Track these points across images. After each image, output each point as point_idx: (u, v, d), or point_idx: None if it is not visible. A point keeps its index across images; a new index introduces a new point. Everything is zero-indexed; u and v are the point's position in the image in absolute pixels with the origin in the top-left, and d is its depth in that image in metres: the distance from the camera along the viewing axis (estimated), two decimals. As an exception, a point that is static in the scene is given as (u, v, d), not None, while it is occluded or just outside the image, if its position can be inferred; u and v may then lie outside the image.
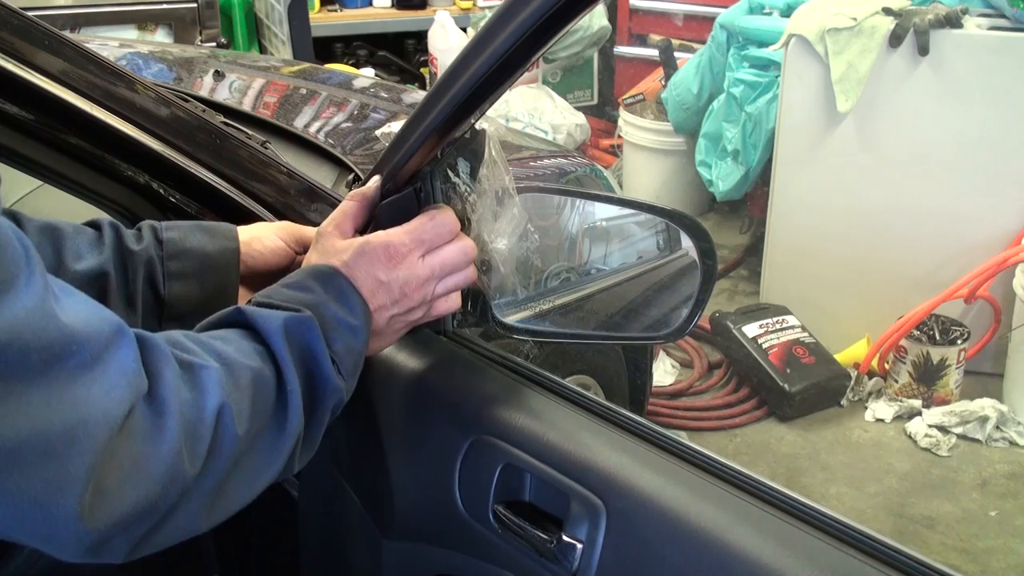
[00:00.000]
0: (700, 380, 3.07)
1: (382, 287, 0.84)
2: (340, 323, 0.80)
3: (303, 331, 0.77)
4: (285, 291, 0.81)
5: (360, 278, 0.83)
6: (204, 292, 0.94)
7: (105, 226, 0.94)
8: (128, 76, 1.11)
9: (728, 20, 3.44)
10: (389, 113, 1.80)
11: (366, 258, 0.84)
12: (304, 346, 0.77)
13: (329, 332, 0.78)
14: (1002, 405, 2.79)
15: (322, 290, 0.81)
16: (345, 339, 0.80)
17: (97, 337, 0.61)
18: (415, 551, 0.98)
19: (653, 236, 1.22)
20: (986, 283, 2.79)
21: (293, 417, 0.75)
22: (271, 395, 0.74)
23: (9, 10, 0.99)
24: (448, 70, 0.79)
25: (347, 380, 0.80)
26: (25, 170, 1.11)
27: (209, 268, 0.95)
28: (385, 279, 0.84)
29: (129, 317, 0.91)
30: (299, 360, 0.76)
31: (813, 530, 0.71)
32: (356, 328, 0.81)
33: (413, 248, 0.85)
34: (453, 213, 0.88)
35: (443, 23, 4.09)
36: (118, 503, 0.61)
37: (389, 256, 0.84)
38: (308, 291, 0.80)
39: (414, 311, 0.87)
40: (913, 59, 2.78)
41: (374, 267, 0.84)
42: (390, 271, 0.84)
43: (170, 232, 0.95)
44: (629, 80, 4.36)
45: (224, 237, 0.97)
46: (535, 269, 1.08)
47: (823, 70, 2.87)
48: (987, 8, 2.88)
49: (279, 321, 0.76)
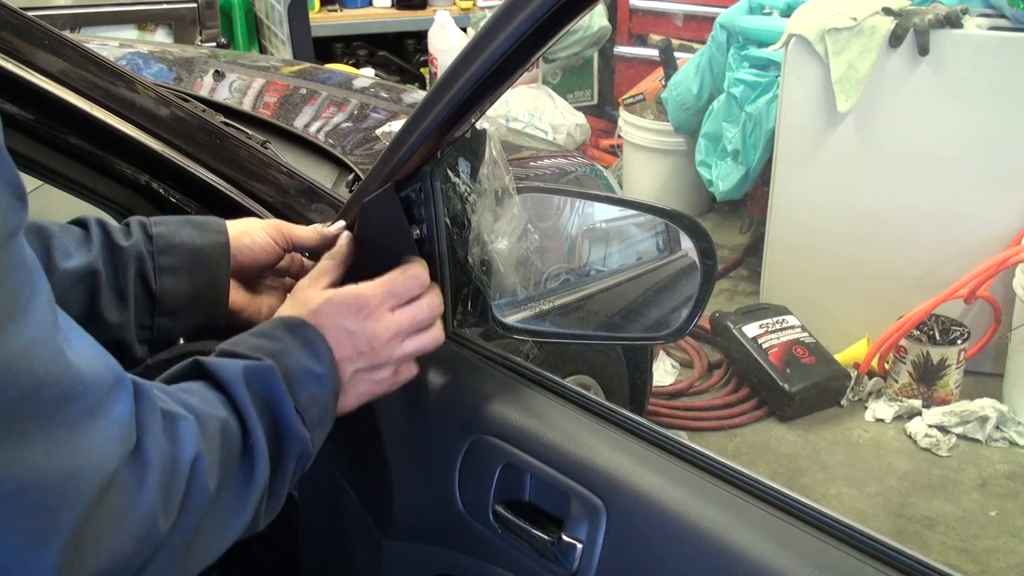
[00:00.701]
0: (700, 380, 3.06)
1: (348, 337, 0.83)
2: (305, 372, 0.78)
3: (264, 380, 0.75)
4: (250, 339, 0.80)
5: (326, 326, 0.82)
6: (195, 286, 0.94)
7: (92, 223, 0.93)
8: (128, 76, 1.11)
9: (728, 20, 3.44)
10: (389, 113, 1.80)
11: (334, 307, 0.84)
12: (266, 395, 0.75)
13: (293, 381, 0.77)
14: (1002, 405, 2.79)
15: (288, 339, 0.80)
16: (310, 388, 0.78)
17: (101, 382, 0.59)
18: (415, 551, 0.98)
19: (653, 237, 1.22)
20: (986, 283, 2.79)
21: (259, 468, 0.73)
22: (237, 446, 0.72)
23: (9, 10, 0.99)
24: (448, 70, 0.79)
25: (313, 431, 0.78)
26: (25, 170, 1.11)
27: (199, 262, 0.94)
28: (353, 329, 0.83)
29: (122, 313, 0.91)
30: (262, 409, 0.75)
31: (813, 530, 0.71)
32: (322, 377, 0.80)
33: (384, 300, 0.85)
34: (425, 265, 0.89)
35: (443, 23, 4.09)
36: (92, 559, 0.58)
37: (359, 307, 0.84)
38: (274, 340, 0.79)
39: (380, 369, 0.86)
40: (913, 59, 2.78)
41: (342, 317, 0.83)
42: (358, 322, 0.83)
43: (159, 227, 0.95)
44: (629, 80, 4.35)
45: (213, 231, 0.96)
46: (535, 270, 1.08)
47: (823, 70, 2.87)
48: (987, 8, 2.87)
49: (239, 370, 0.74)
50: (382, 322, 0.85)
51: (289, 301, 0.88)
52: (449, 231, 0.94)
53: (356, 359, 0.83)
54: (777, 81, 3.10)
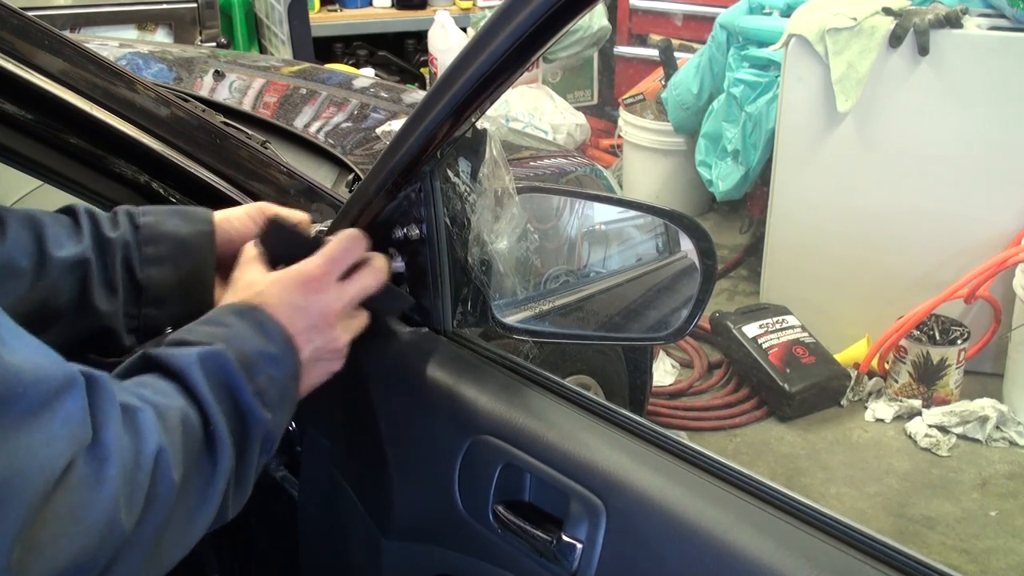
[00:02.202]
0: (700, 380, 3.07)
1: (300, 312, 0.82)
2: (259, 354, 0.77)
3: (219, 365, 0.74)
4: (200, 328, 0.79)
5: (275, 305, 0.81)
6: (180, 275, 0.94)
7: (81, 213, 0.93)
8: (128, 76, 1.11)
9: (728, 20, 3.44)
10: (389, 113, 1.80)
11: (279, 285, 0.83)
12: (223, 380, 0.74)
13: (248, 365, 0.76)
14: (1002, 405, 2.79)
15: (238, 323, 0.79)
16: (266, 370, 0.77)
17: (45, 383, 0.59)
18: (415, 551, 0.98)
19: (652, 239, 1.22)
20: (986, 283, 2.79)
21: (223, 455, 0.72)
22: (199, 434, 0.71)
23: (9, 10, 0.99)
24: (448, 70, 0.79)
25: (274, 412, 0.78)
26: (25, 170, 1.11)
27: (184, 251, 0.94)
28: (303, 304, 0.82)
29: (111, 302, 0.91)
30: (220, 395, 0.74)
31: (813, 530, 0.71)
32: (277, 357, 0.79)
33: (327, 270, 0.85)
34: (362, 232, 0.89)
35: (443, 23, 4.09)
36: (52, 557, 0.58)
37: (305, 281, 0.84)
38: (223, 326, 0.78)
39: (337, 342, 0.85)
40: (913, 59, 2.78)
41: (290, 294, 0.82)
42: (307, 296, 0.83)
43: (146, 217, 0.95)
44: (629, 80, 4.36)
45: (199, 220, 0.97)
46: (535, 270, 1.08)
47: (823, 70, 2.87)
48: (987, 8, 2.88)
49: (192, 357, 0.74)
50: (331, 293, 0.84)
51: (231, 289, 0.86)
52: (449, 231, 0.94)
53: (312, 335, 0.83)
54: (777, 81, 3.10)
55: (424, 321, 0.99)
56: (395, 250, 0.97)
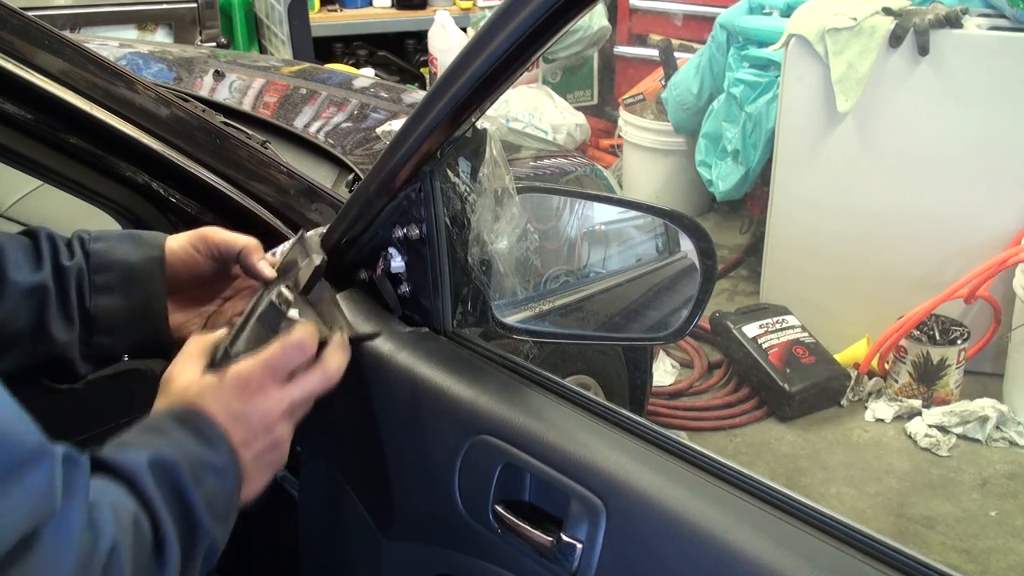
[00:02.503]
0: (700, 380, 3.06)
1: (240, 420, 0.78)
2: (204, 465, 0.73)
3: (170, 472, 0.71)
4: (140, 437, 0.74)
5: (215, 412, 0.77)
6: (129, 303, 0.92)
7: (42, 238, 0.91)
8: (128, 76, 1.11)
9: (728, 20, 3.44)
10: (389, 113, 1.80)
11: (217, 391, 0.78)
12: (174, 488, 0.71)
13: (195, 473, 0.72)
14: (1002, 405, 2.79)
15: (179, 431, 0.75)
16: (211, 482, 0.74)
17: (12, 450, 0.56)
18: (415, 551, 0.98)
19: (652, 239, 1.22)
20: (986, 283, 2.79)
21: (171, 562, 0.69)
22: (148, 540, 0.68)
23: (9, 10, 0.99)
24: (448, 70, 0.79)
25: (219, 524, 0.74)
26: (25, 170, 1.11)
27: (133, 279, 0.92)
28: (241, 409, 0.78)
29: (69, 332, 0.90)
30: (170, 500, 0.70)
31: (813, 530, 0.71)
32: (221, 469, 0.75)
33: (267, 374, 0.80)
34: (310, 332, 0.84)
35: (443, 23, 4.09)
36: None
37: (242, 386, 0.79)
38: (164, 435, 0.74)
39: (278, 447, 0.81)
40: (913, 59, 2.78)
41: (228, 400, 0.78)
42: (246, 402, 0.78)
43: (97, 243, 0.93)
44: (629, 80, 4.36)
45: (149, 246, 0.94)
46: (535, 270, 1.08)
47: (823, 70, 2.87)
48: (987, 8, 2.88)
49: (143, 459, 0.70)
50: (271, 398, 0.80)
51: (163, 391, 0.81)
52: (449, 231, 0.94)
53: (252, 442, 0.79)
54: (777, 81, 3.10)
55: (424, 321, 0.99)
56: (395, 250, 0.97)
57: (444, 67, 0.97)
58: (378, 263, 1.00)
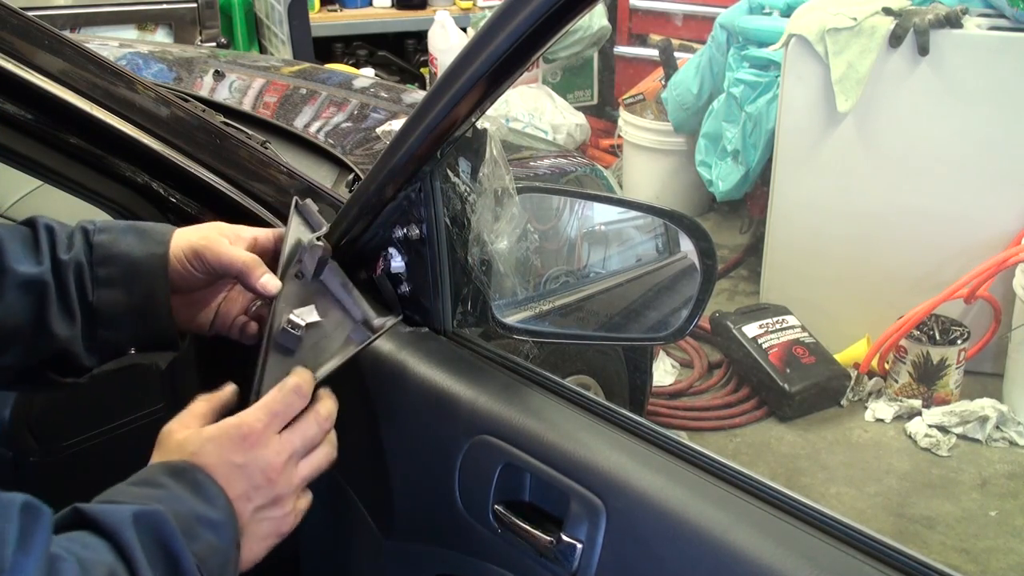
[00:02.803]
0: (700, 380, 3.06)
1: (239, 472, 0.76)
2: (199, 520, 0.71)
3: (157, 526, 0.67)
4: (132, 489, 0.71)
5: (213, 465, 0.75)
6: (131, 298, 0.90)
7: (41, 229, 0.90)
8: (128, 76, 1.11)
9: (728, 20, 3.44)
10: (389, 113, 1.80)
11: (216, 443, 0.76)
12: (160, 543, 0.67)
13: (188, 529, 0.69)
14: (1002, 405, 2.79)
15: (174, 485, 0.72)
16: (206, 537, 0.71)
17: None
18: (415, 551, 0.98)
19: (652, 240, 1.22)
20: (986, 283, 2.79)
21: None
22: None
23: (9, 10, 0.99)
24: (448, 70, 0.79)
25: None
26: (25, 170, 1.11)
27: (136, 274, 0.90)
28: (242, 462, 0.76)
29: (70, 328, 0.88)
30: (155, 558, 0.66)
31: (813, 530, 0.71)
32: (218, 524, 0.72)
33: (268, 423, 0.79)
34: (305, 377, 0.84)
35: (443, 23, 4.09)
36: None
37: (243, 437, 0.77)
38: (158, 487, 0.71)
39: (281, 502, 0.80)
40: (913, 59, 2.78)
41: (228, 452, 0.76)
42: (246, 452, 0.77)
43: (101, 235, 0.91)
44: (629, 80, 4.36)
45: (154, 241, 0.92)
46: (535, 270, 1.08)
47: (823, 70, 2.87)
48: (987, 8, 2.88)
49: (127, 514, 0.66)
50: (272, 447, 0.78)
51: (159, 446, 0.78)
52: (449, 231, 0.94)
53: (253, 495, 0.77)
54: (777, 81, 3.10)
55: (424, 321, 0.99)
56: (395, 250, 0.97)
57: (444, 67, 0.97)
58: (378, 263, 1.00)
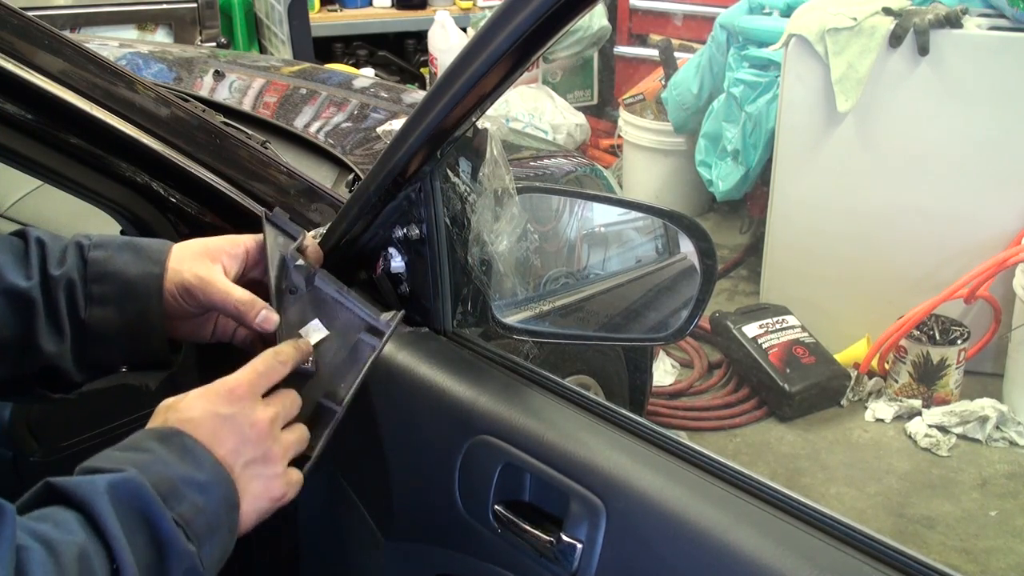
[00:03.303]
0: (700, 380, 3.07)
1: (227, 425, 0.77)
2: (184, 481, 0.71)
3: (132, 493, 0.68)
4: (115, 454, 0.72)
5: (199, 421, 0.76)
6: (124, 318, 0.90)
7: (32, 242, 0.90)
8: (128, 76, 1.11)
9: (728, 20, 3.44)
10: (389, 113, 1.80)
11: (203, 398, 0.78)
12: (137, 510, 0.68)
13: (169, 492, 0.70)
14: (1002, 405, 2.79)
15: (160, 448, 0.73)
16: (192, 499, 0.71)
17: None
18: (415, 551, 0.98)
19: (652, 241, 1.22)
20: (986, 283, 2.79)
21: None
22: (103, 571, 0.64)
23: (9, 10, 0.99)
24: (448, 70, 0.79)
25: (201, 544, 0.71)
26: (25, 170, 1.11)
27: (129, 294, 0.90)
28: (227, 413, 0.77)
29: (58, 344, 0.88)
30: (134, 526, 0.67)
31: (813, 530, 0.71)
32: (205, 484, 0.73)
33: (253, 381, 0.80)
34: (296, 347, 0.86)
35: (443, 23, 4.09)
36: None
37: (228, 391, 0.79)
38: (143, 451, 0.72)
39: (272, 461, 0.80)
40: (913, 59, 2.78)
41: (213, 404, 0.77)
42: (232, 404, 0.78)
43: (96, 251, 0.91)
44: (629, 80, 4.36)
45: (150, 260, 0.91)
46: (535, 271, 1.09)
47: (823, 70, 2.87)
48: (987, 8, 2.88)
49: (100, 486, 0.67)
50: (259, 403, 0.80)
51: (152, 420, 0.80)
52: (449, 231, 0.94)
53: (242, 449, 0.77)
54: (777, 81, 3.10)
55: (424, 321, 0.99)
56: (395, 250, 0.97)
57: (444, 67, 0.97)
58: (378, 263, 1.00)
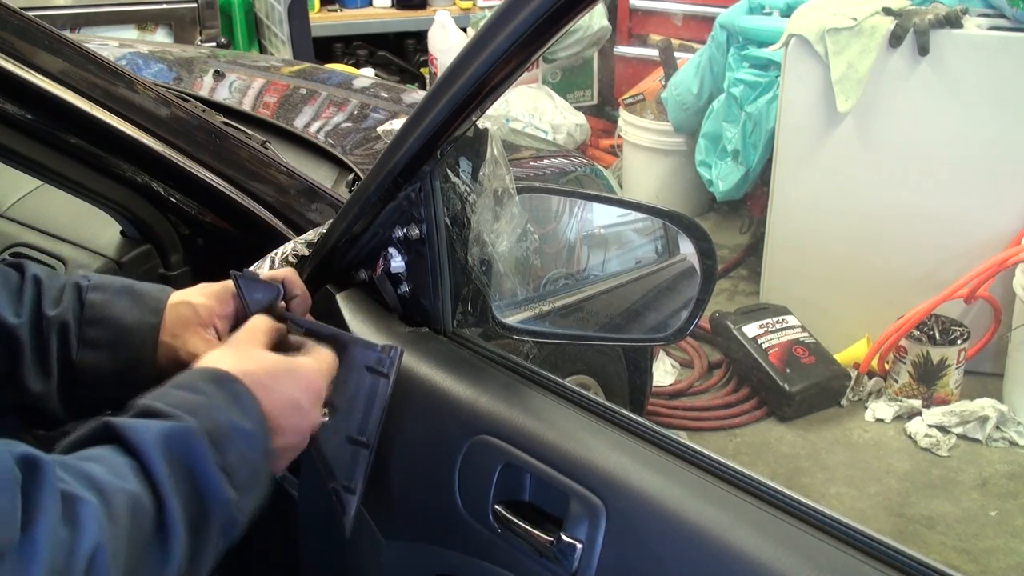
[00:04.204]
0: (700, 380, 3.06)
1: (296, 413, 0.80)
2: (235, 429, 0.73)
3: (186, 444, 0.69)
4: (174, 392, 0.74)
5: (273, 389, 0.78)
6: (115, 364, 0.90)
7: (28, 276, 0.89)
8: (128, 76, 1.11)
9: (728, 20, 3.44)
10: (389, 113, 1.80)
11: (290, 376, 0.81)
12: (187, 460, 0.69)
13: (220, 439, 0.71)
14: (1002, 405, 2.79)
15: (215, 392, 0.74)
16: (239, 447, 0.73)
17: None
18: (415, 551, 0.98)
19: (652, 242, 1.22)
20: (986, 283, 2.79)
21: (174, 547, 0.66)
22: (149, 523, 0.65)
23: (9, 10, 0.99)
24: (448, 70, 0.79)
25: (242, 494, 0.72)
26: (25, 170, 1.11)
27: (124, 341, 0.90)
28: (305, 406, 0.81)
29: (44, 384, 0.87)
30: (181, 476, 0.68)
31: (813, 530, 0.71)
32: (251, 434, 0.75)
33: (324, 387, 0.84)
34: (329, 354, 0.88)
35: (443, 23, 4.09)
36: None
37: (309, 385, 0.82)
38: (199, 393, 0.74)
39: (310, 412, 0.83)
40: (913, 59, 2.78)
41: (294, 388, 0.81)
42: (309, 401, 0.82)
43: (93, 294, 0.90)
44: (629, 80, 4.36)
45: (148, 308, 0.91)
46: (535, 271, 1.09)
47: (823, 70, 2.87)
48: (987, 8, 2.88)
49: (158, 435, 0.68)
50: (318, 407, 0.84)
51: (225, 351, 0.82)
52: (449, 231, 0.94)
53: (288, 434, 0.80)
54: (777, 81, 3.10)
55: (424, 321, 0.99)
56: (395, 250, 0.97)
57: (444, 67, 0.97)
58: (378, 263, 1.00)
